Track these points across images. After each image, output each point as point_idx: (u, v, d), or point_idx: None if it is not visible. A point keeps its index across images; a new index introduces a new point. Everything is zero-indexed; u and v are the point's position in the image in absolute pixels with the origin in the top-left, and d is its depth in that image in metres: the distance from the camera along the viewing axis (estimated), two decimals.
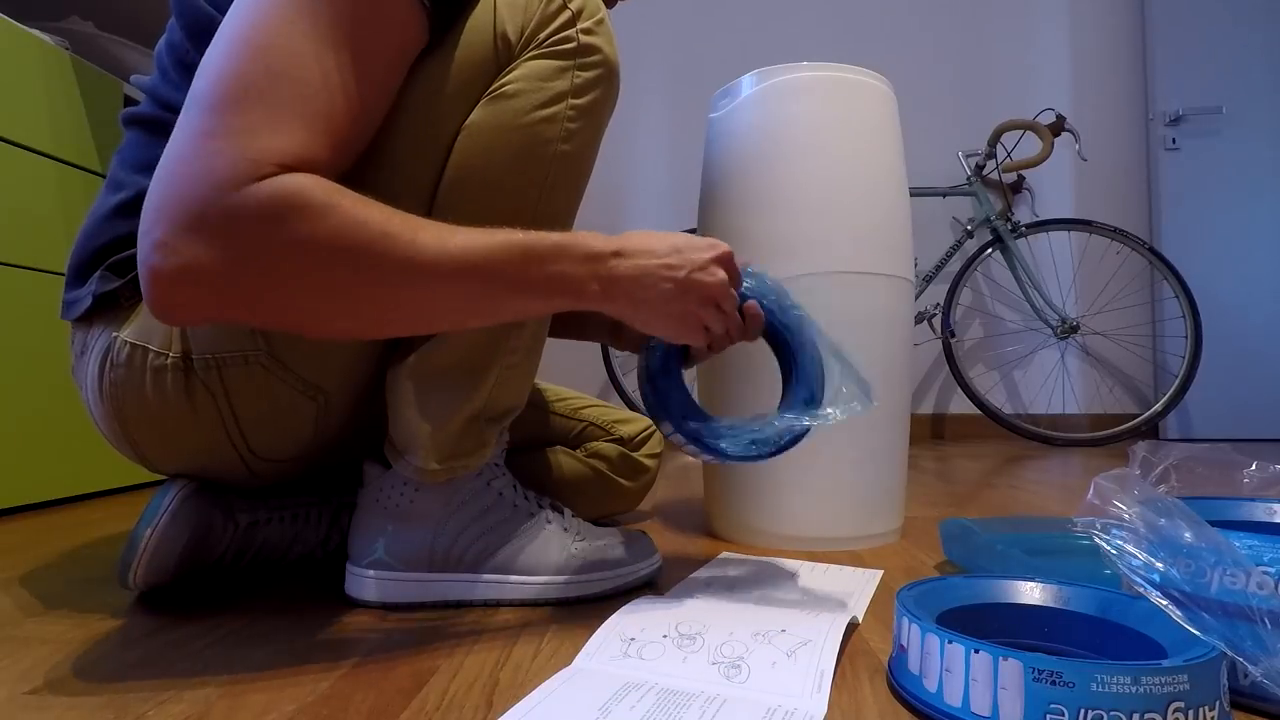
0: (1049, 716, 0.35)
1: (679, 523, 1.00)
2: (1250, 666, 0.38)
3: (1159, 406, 2.25)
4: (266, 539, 0.69)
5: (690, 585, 0.67)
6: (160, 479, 1.25)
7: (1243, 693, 0.42)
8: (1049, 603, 0.48)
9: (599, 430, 0.93)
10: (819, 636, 0.49)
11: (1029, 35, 2.70)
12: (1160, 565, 0.43)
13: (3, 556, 0.83)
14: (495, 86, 0.54)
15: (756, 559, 0.77)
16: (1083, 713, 0.35)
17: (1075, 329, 2.29)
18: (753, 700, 0.42)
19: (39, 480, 1.13)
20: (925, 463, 1.82)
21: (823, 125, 0.85)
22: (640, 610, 0.56)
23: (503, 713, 0.40)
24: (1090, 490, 0.47)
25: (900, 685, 0.44)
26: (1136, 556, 0.44)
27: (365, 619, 0.58)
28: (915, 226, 2.32)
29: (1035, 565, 0.62)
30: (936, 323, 2.41)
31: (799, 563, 0.76)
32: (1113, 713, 0.35)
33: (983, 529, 0.72)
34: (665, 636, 0.50)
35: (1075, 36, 2.69)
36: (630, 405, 2.36)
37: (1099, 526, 0.46)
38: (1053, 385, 2.63)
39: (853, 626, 0.56)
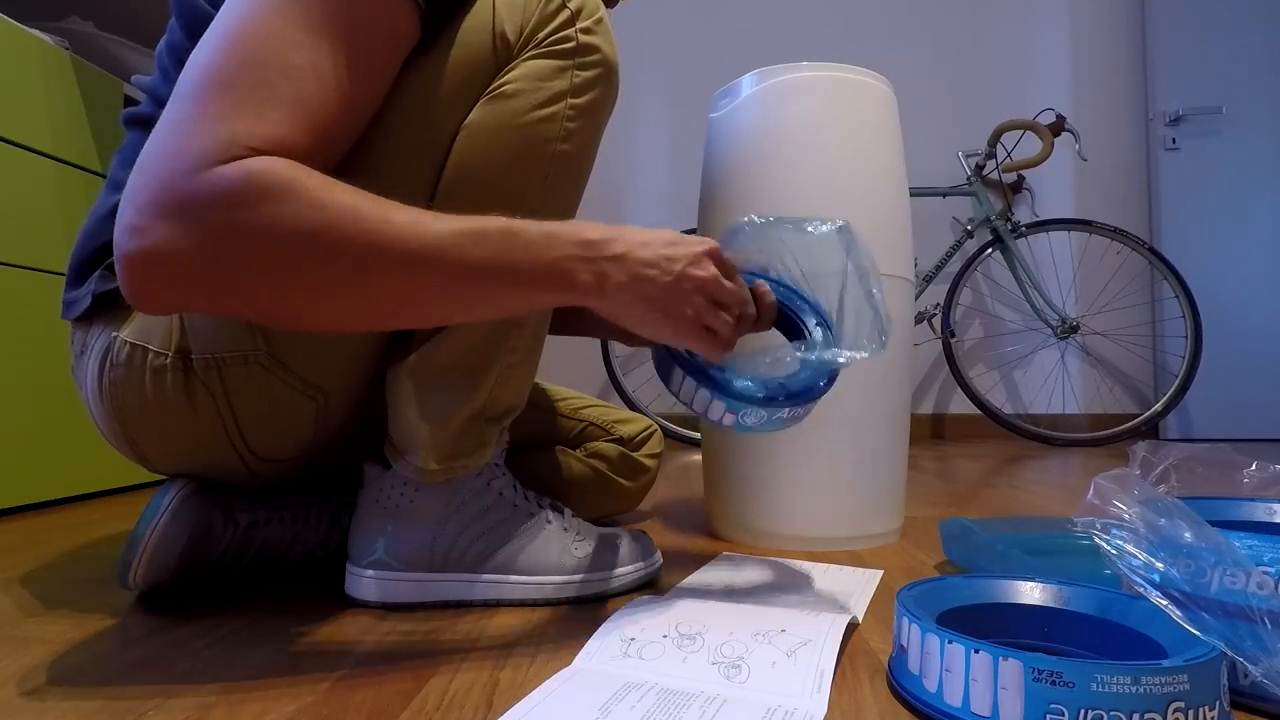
0: (1049, 716, 0.35)
1: (679, 523, 1.00)
2: (1250, 666, 0.38)
3: (1159, 406, 2.25)
4: (266, 539, 0.70)
5: (690, 585, 0.67)
6: (160, 479, 1.25)
7: (1243, 693, 0.42)
8: (1049, 603, 0.48)
9: (599, 430, 0.93)
10: (819, 636, 0.49)
11: (1029, 35, 2.70)
12: (1160, 565, 0.43)
13: (3, 556, 0.83)
14: (494, 86, 0.54)
15: (756, 559, 0.77)
16: (1083, 713, 0.35)
17: (1075, 329, 2.28)
18: (753, 700, 0.42)
19: (39, 480, 1.13)
20: (925, 463, 1.82)
21: (823, 125, 0.85)
22: (640, 610, 0.56)
23: (503, 713, 0.40)
24: (1090, 490, 0.47)
25: (900, 685, 0.44)
26: (1136, 556, 0.44)
27: (365, 619, 0.58)
28: (915, 226, 2.32)
29: (1035, 565, 0.62)
30: (936, 323, 2.41)
31: (799, 563, 0.76)
32: (1113, 713, 0.35)
33: (983, 529, 0.72)
34: (665, 636, 0.50)
35: (1075, 36, 2.69)
36: (630, 405, 2.35)
37: (1099, 526, 0.46)
38: (1053, 385, 2.63)
39: (853, 626, 0.56)
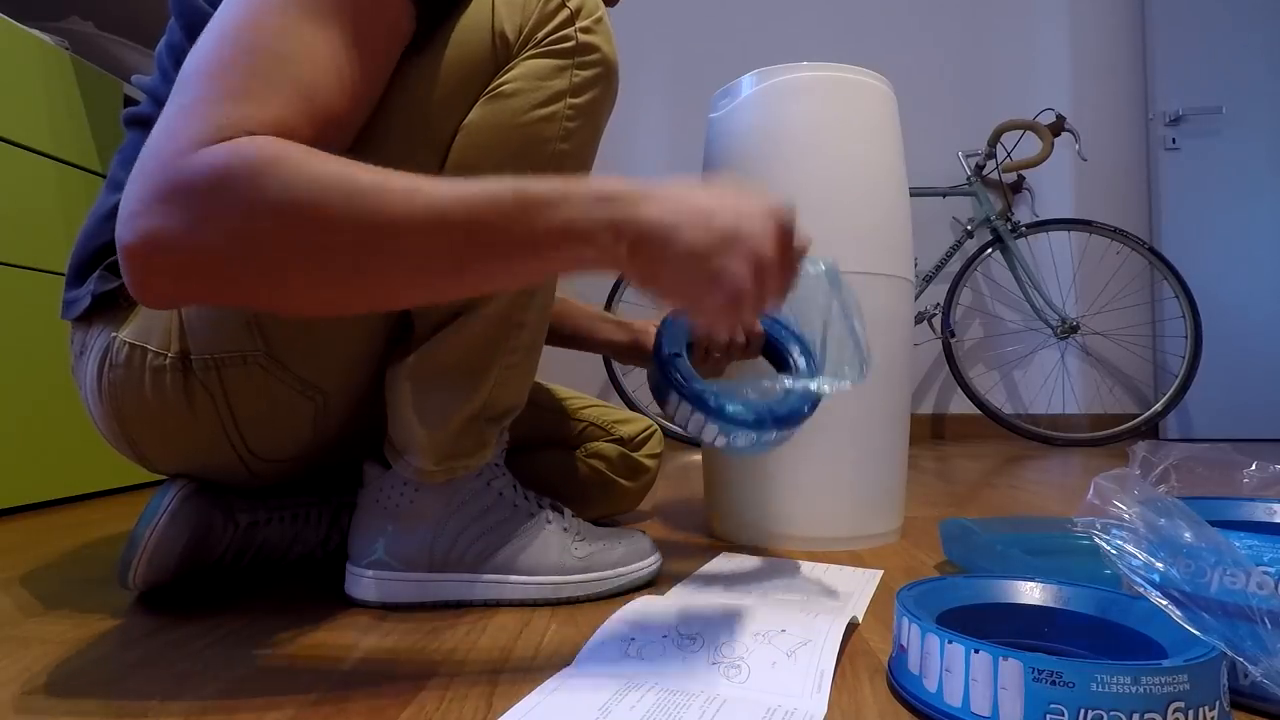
0: (1049, 716, 0.35)
1: (679, 523, 1.00)
2: (1250, 666, 0.38)
3: (1159, 406, 2.25)
4: (266, 539, 0.69)
5: (690, 585, 0.67)
6: (160, 479, 1.25)
7: (1243, 693, 0.42)
8: (1049, 603, 0.48)
9: (599, 430, 0.93)
10: (819, 636, 0.49)
11: (1029, 35, 2.70)
12: (1160, 565, 0.43)
13: (3, 556, 0.83)
14: (493, 86, 0.54)
15: (756, 559, 0.77)
16: (1083, 713, 0.35)
17: (1075, 329, 2.28)
18: (753, 700, 0.42)
19: (39, 480, 1.13)
20: (925, 463, 1.82)
21: (823, 125, 0.85)
22: (640, 610, 0.56)
23: (503, 713, 0.40)
24: (1090, 490, 0.47)
25: (900, 685, 0.44)
26: (1136, 556, 0.44)
27: (365, 619, 0.58)
28: (915, 226, 2.32)
29: (1035, 565, 0.62)
30: (936, 323, 2.41)
31: (799, 563, 0.76)
32: (1113, 713, 0.35)
33: (983, 529, 0.72)
34: (665, 636, 0.50)
35: (1075, 36, 2.69)
36: (630, 405, 2.35)
37: (1099, 526, 0.46)
38: (1053, 385, 2.63)
39: (853, 626, 0.56)
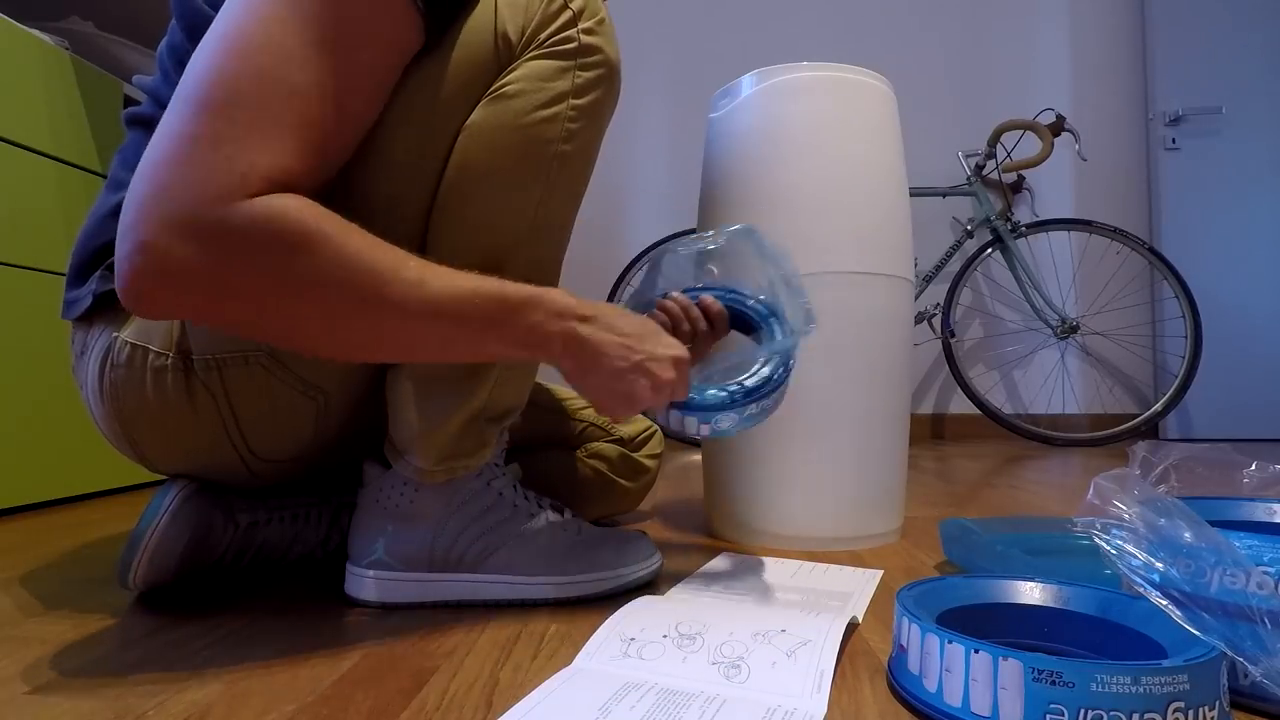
0: (1049, 716, 0.35)
1: (679, 523, 1.00)
2: (1250, 666, 0.38)
3: (1159, 406, 2.25)
4: (266, 539, 0.70)
5: (690, 585, 0.67)
6: (160, 479, 1.25)
7: (1243, 693, 0.42)
8: (1049, 603, 0.48)
9: (599, 431, 0.93)
10: (819, 636, 0.49)
11: (1029, 35, 2.70)
12: (1160, 565, 0.43)
13: (3, 556, 0.83)
14: (496, 87, 0.54)
15: (756, 559, 0.77)
16: (1083, 713, 0.35)
17: (1075, 329, 2.29)
18: (753, 700, 0.42)
19: (39, 480, 1.13)
20: (925, 463, 1.82)
21: (823, 125, 0.85)
22: (640, 610, 0.56)
23: (503, 713, 0.40)
24: (1090, 490, 0.47)
25: (900, 685, 0.44)
26: (1136, 556, 0.44)
27: (365, 619, 0.58)
28: (915, 226, 2.33)
29: (1035, 565, 0.62)
30: (936, 323, 2.41)
31: (799, 563, 0.76)
32: (1113, 713, 0.35)
33: (983, 529, 0.72)
34: (665, 636, 0.50)
35: (1075, 36, 2.69)
36: None
37: (1099, 526, 0.46)
38: (1053, 385, 2.63)
39: (853, 626, 0.56)
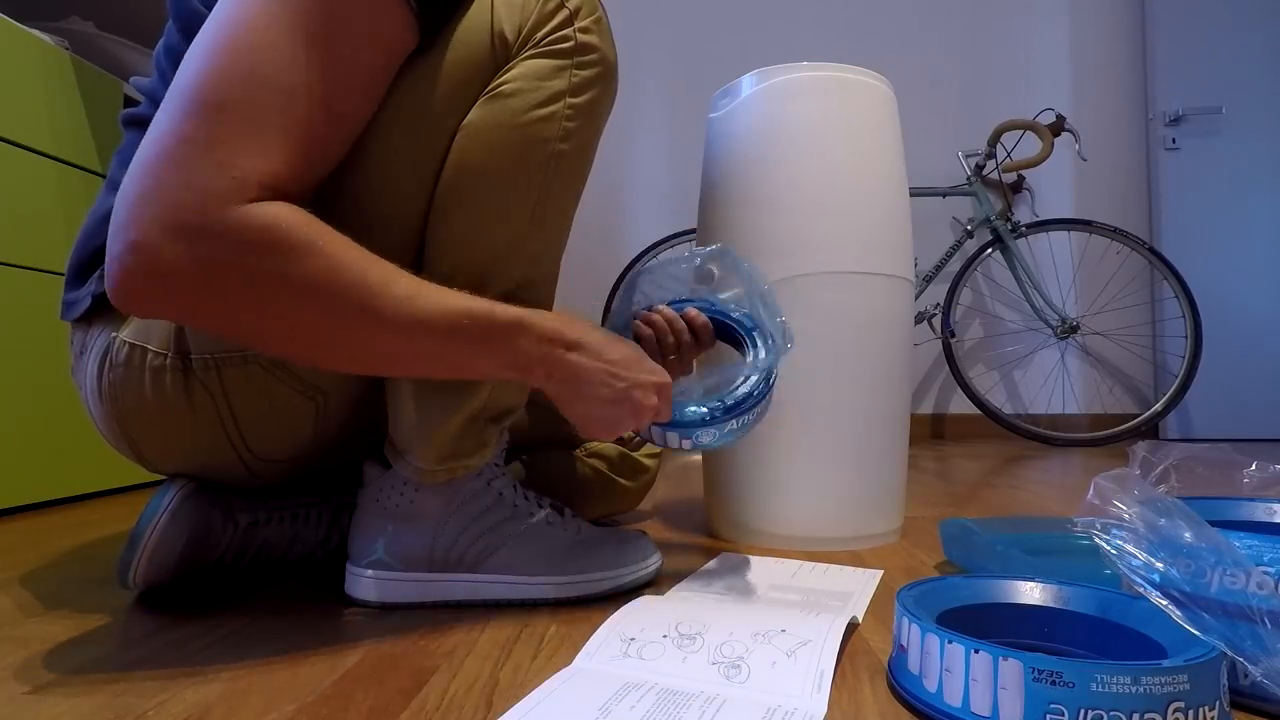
0: (1049, 716, 0.35)
1: (679, 523, 1.00)
2: (1250, 666, 0.38)
3: (1159, 406, 2.25)
4: (266, 539, 0.69)
5: (690, 585, 0.67)
6: (160, 479, 1.25)
7: (1243, 693, 0.42)
8: (1049, 603, 0.48)
9: None
10: (819, 636, 0.49)
11: (1029, 35, 2.70)
12: (1160, 565, 0.43)
13: (3, 556, 0.83)
14: (493, 86, 0.54)
15: (756, 559, 0.77)
16: (1083, 713, 0.35)
17: (1075, 329, 2.29)
18: (753, 700, 0.42)
19: (39, 480, 1.13)
20: (925, 463, 1.82)
21: (823, 125, 0.85)
22: (640, 610, 0.56)
23: (503, 713, 0.40)
24: (1090, 490, 0.47)
25: (900, 685, 0.44)
26: (1136, 556, 0.44)
27: (365, 619, 0.58)
28: (915, 226, 2.32)
29: (1035, 565, 0.62)
30: (936, 323, 2.41)
31: (799, 563, 0.76)
32: (1113, 713, 0.35)
33: (983, 529, 0.72)
34: (665, 636, 0.50)
35: (1075, 36, 2.69)
36: None
37: (1099, 526, 0.46)
38: (1053, 385, 2.63)
39: (853, 626, 0.56)
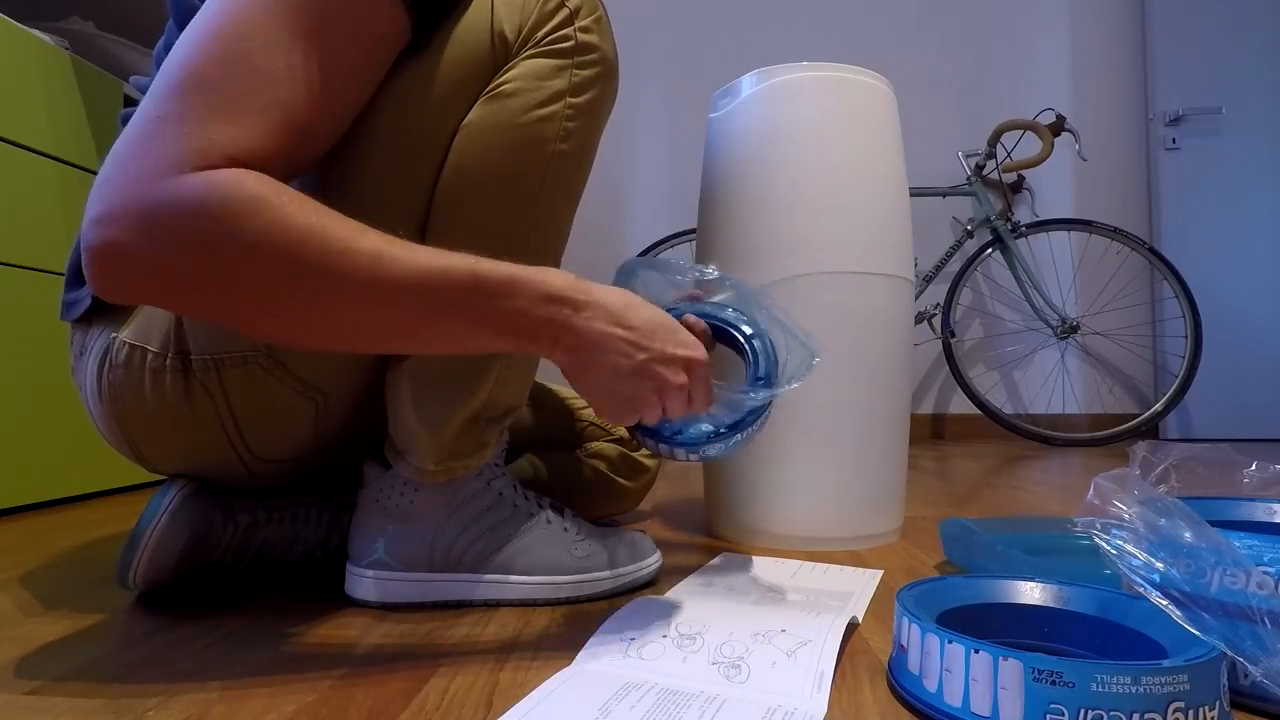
0: (1049, 716, 0.35)
1: (679, 523, 1.00)
2: (1250, 666, 0.38)
3: (1159, 406, 2.25)
4: (266, 539, 0.69)
5: (690, 585, 0.67)
6: (160, 479, 1.25)
7: (1243, 693, 0.42)
8: (1049, 603, 0.48)
9: (599, 430, 0.93)
10: (819, 636, 0.49)
11: (1029, 35, 2.70)
12: (1160, 565, 0.43)
13: (3, 556, 0.83)
14: (493, 86, 0.54)
15: (756, 559, 0.77)
16: (1083, 713, 0.35)
17: (1075, 329, 2.29)
18: (753, 700, 0.42)
19: (39, 480, 1.13)
20: (925, 463, 1.82)
21: (823, 125, 0.85)
22: (640, 610, 0.56)
23: (503, 713, 0.40)
24: (1090, 490, 0.47)
25: (900, 685, 0.44)
26: (1136, 556, 0.44)
27: (365, 619, 0.58)
28: (915, 226, 2.32)
29: (1035, 565, 0.62)
30: (936, 323, 2.41)
31: (799, 563, 0.76)
32: (1113, 713, 0.35)
33: (983, 529, 0.72)
34: (665, 636, 0.50)
35: (1075, 36, 2.69)
36: None
37: (1099, 526, 0.46)
38: (1053, 385, 2.63)
39: (853, 626, 0.56)
